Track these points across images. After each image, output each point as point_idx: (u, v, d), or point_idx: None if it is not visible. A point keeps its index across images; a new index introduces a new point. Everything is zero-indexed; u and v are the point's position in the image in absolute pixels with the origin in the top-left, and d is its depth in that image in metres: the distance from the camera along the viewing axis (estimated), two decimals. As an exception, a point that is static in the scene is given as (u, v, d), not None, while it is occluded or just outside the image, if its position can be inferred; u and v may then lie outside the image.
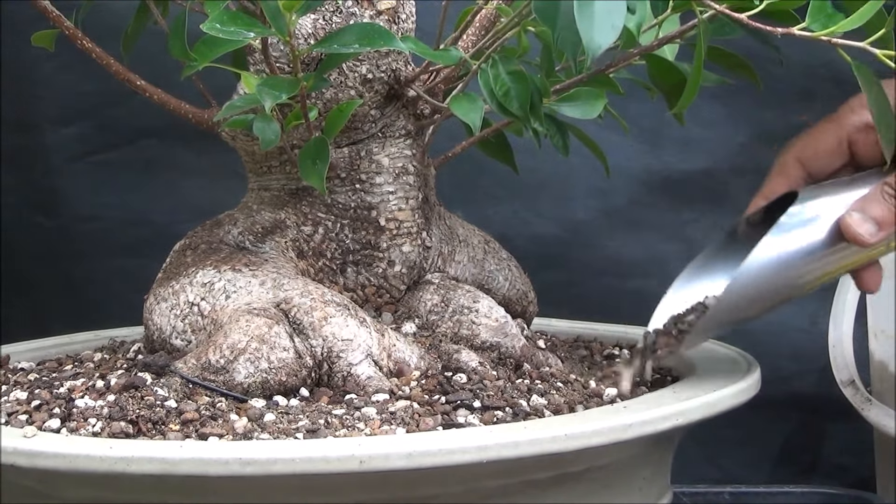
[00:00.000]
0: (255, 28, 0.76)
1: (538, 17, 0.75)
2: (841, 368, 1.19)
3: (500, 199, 1.37)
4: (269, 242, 0.89)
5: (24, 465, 0.69)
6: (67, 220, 1.37)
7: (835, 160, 0.91)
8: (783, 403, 1.35)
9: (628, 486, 0.79)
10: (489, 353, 0.87)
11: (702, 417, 0.77)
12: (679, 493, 1.15)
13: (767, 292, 0.85)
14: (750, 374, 0.84)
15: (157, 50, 0.91)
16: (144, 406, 0.75)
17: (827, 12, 0.76)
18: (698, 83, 0.81)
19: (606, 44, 0.71)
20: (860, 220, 0.85)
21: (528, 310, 0.99)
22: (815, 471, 1.39)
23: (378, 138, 0.89)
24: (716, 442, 1.35)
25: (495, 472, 0.70)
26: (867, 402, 1.16)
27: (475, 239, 0.97)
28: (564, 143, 0.89)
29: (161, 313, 0.86)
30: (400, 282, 0.90)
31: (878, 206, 0.85)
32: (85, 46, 0.91)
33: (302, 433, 0.73)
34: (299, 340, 0.80)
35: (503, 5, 0.86)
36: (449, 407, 0.77)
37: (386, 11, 0.88)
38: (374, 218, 0.89)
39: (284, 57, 0.85)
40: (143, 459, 0.67)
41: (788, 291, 0.86)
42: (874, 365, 1.19)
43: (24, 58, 1.32)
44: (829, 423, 1.37)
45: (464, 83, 0.86)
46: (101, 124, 1.36)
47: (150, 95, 0.91)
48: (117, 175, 1.37)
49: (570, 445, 0.70)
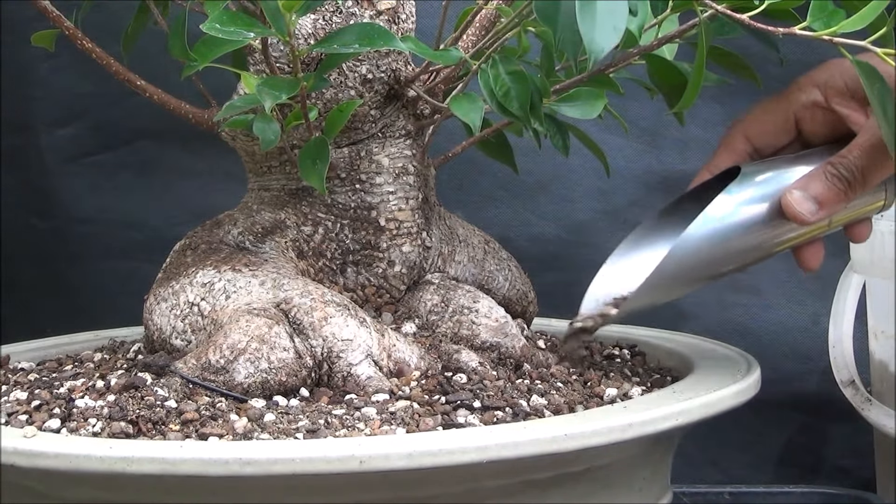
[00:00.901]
0: (255, 28, 0.76)
1: (539, 18, 0.75)
2: (841, 368, 1.19)
3: (501, 201, 1.37)
4: (269, 242, 0.89)
5: (24, 465, 0.69)
6: (62, 223, 1.37)
7: (781, 137, 0.91)
8: (785, 404, 1.35)
9: (628, 486, 0.79)
10: (489, 353, 0.87)
11: (702, 417, 0.77)
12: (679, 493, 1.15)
13: (705, 265, 0.85)
14: (750, 374, 0.84)
15: (157, 50, 0.91)
16: (144, 406, 0.75)
17: (828, 11, 0.76)
18: (700, 83, 0.81)
19: (609, 46, 0.71)
20: (801, 198, 0.85)
21: (529, 310, 0.99)
22: (817, 472, 1.38)
23: (378, 138, 0.89)
24: (717, 444, 1.35)
25: (495, 472, 0.70)
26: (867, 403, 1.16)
27: (475, 239, 0.97)
28: (564, 144, 0.89)
29: (161, 313, 0.86)
30: (400, 282, 0.90)
31: (820, 184, 0.85)
32: (85, 46, 0.91)
33: (302, 433, 0.73)
34: (299, 340, 0.80)
35: (503, 5, 0.86)
36: (449, 407, 0.77)
37: (386, 11, 0.88)
38: (374, 218, 0.89)
39: (284, 57, 0.85)
40: (144, 459, 0.67)
41: (726, 266, 0.86)
42: (874, 365, 1.19)
43: (20, 59, 1.32)
44: (832, 425, 1.37)
45: (464, 83, 0.86)
46: (96, 126, 1.36)
47: (150, 95, 0.91)
48: (113, 177, 1.37)
49: (570, 445, 0.70)
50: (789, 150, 0.92)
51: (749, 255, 0.87)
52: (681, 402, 0.77)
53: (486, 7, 0.88)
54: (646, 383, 0.87)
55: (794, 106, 0.90)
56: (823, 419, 1.37)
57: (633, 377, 0.89)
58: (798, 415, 1.38)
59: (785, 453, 1.39)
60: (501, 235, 1.04)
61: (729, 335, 1.28)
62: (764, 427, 1.36)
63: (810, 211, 0.85)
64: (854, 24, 0.74)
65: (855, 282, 1.19)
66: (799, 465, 1.39)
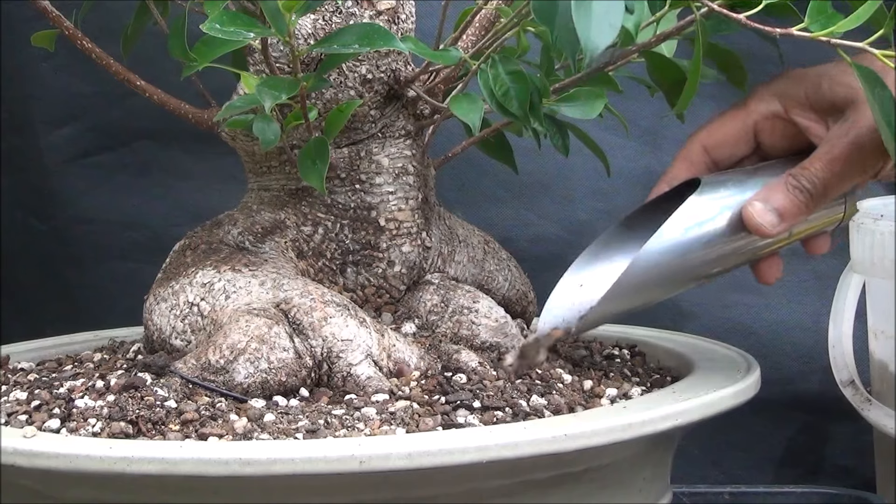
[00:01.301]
0: (255, 28, 0.76)
1: (536, 17, 0.75)
2: (841, 368, 1.19)
3: (502, 201, 1.37)
4: (268, 243, 0.89)
5: (24, 465, 0.69)
6: (61, 223, 1.37)
7: (740, 148, 0.91)
8: (786, 404, 1.35)
9: (628, 486, 0.80)
10: (489, 353, 0.87)
11: (702, 417, 0.77)
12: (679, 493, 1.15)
13: (666, 278, 0.84)
14: (750, 375, 0.84)
15: (157, 50, 0.91)
16: (144, 406, 0.75)
17: (826, 13, 0.75)
18: (697, 81, 0.81)
19: (604, 44, 0.71)
20: (762, 210, 0.84)
21: (528, 310, 0.99)
22: (818, 472, 1.38)
23: (378, 138, 0.89)
24: (718, 444, 1.35)
25: (495, 473, 0.70)
26: (867, 403, 1.16)
27: (475, 239, 0.97)
28: (564, 144, 0.89)
29: (161, 313, 0.86)
30: (400, 282, 0.90)
31: (781, 196, 0.85)
32: (84, 47, 0.91)
33: (302, 433, 0.73)
34: (299, 341, 0.80)
35: (503, 5, 0.86)
36: (449, 407, 0.77)
37: (386, 11, 0.88)
38: (373, 218, 0.89)
39: (284, 57, 0.85)
40: (143, 459, 0.67)
41: (687, 278, 0.86)
42: (874, 365, 1.18)
43: (19, 59, 1.32)
44: (833, 424, 1.37)
45: (463, 83, 0.86)
46: (95, 126, 1.36)
47: (150, 96, 0.91)
48: (112, 177, 1.37)
49: (570, 445, 0.70)
50: (748, 161, 0.91)
51: (709, 267, 0.86)
52: (680, 402, 0.77)
53: (486, 7, 0.88)
54: (645, 383, 0.87)
55: (753, 116, 0.89)
56: (824, 418, 1.37)
57: (633, 377, 0.89)
58: (799, 414, 1.38)
59: (786, 453, 1.39)
60: (502, 235, 1.04)
61: (729, 334, 1.28)
62: (765, 426, 1.36)
63: (771, 223, 0.84)
64: (851, 22, 0.74)
65: (855, 282, 1.19)
66: (800, 465, 1.39)
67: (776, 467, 1.39)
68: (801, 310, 1.36)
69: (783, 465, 1.39)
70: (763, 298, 1.36)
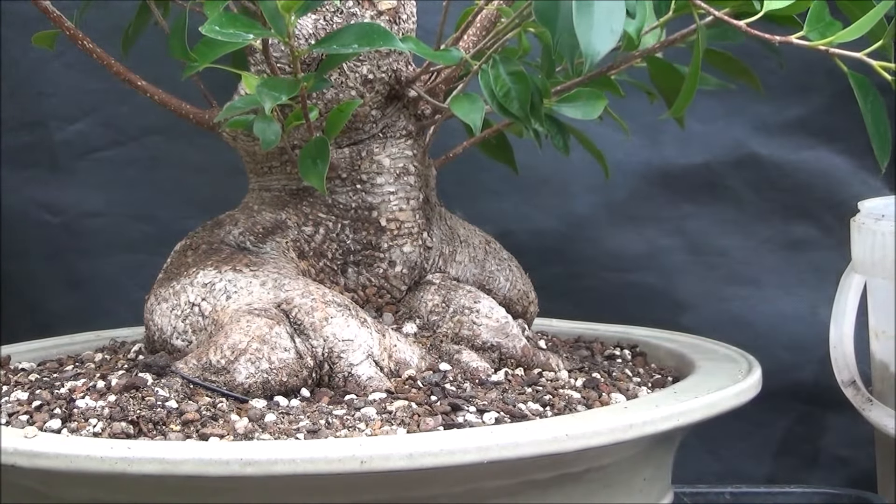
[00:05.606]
0: (255, 29, 0.76)
1: (538, 19, 0.75)
2: (842, 369, 1.19)
3: (501, 195, 1.37)
4: (269, 243, 0.89)
5: (25, 465, 0.69)
6: (72, 217, 1.38)
7: None
8: (783, 395, 1.35)
9: (629, 486, 0.80)
10: (490, 353, 0.87)
11: (703, 418, 0.77)
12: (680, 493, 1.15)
13: None
14: (751, 375, 0.84)
15: (157, 50, 0.91)
16: (145, 406, 0.75)
17: (825, 20, 0.75)
18: (694, 88, 0.81)
19: (605, 49, 0.71)
20: None
21: (529, 310, 0.99)
22: (816, 462, 1.39)
23: (379, 139, 0.89)
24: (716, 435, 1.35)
25: (496, 473, 0.70)
26: (868, 403, 1.15)
27: (476, 239, 0.97)
28: (565, 144, 0.89)
29: (162, 314, 0.86)
30: (401, 282, 0.90)
31: None
32: (85, 47, 0.91)
33: (303, 433, 0.73)
34: (300, 341, 0.81)
35: (504, 6, 0.86)
36: (449, 407, 0.77)
37: (387, 11, 0.88)
38: (374, 218, 0.89)
39: (285, 57, 0.85)
40: (144, 460, 0.67)
41: None
42: (875, 365, 1.18)
43: (30, 55, 1.33)
44: (830, 414, 1.37)
45: (464, 83, 0.86)
46: (106, 121, 1.37)
47: (151, 95, 0.91)
48: (122, 171, 1.38)
49: (571, 445, 0.70)
50: None
51: None
52: (682, 402, 0.77)
53: (487, 7, 0.88)
54: (646, 383, 0.88)
55: None
56: (823, 410, 1.37)
57: (634, 377, 0.89)
58: (796, 405, 1.38)
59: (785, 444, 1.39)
60: (502, 230, 1.04)
61: (726, 326, 1.28)
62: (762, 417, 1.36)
63: None
64: (850, 34, 0.74)
65: (856, 282, 1.19)
66: (797, 455, 1.39)
67: (773, 457, 1.39)
68: (798, 300, 1.36)
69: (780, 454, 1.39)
70: (760, 290, 1.36)
